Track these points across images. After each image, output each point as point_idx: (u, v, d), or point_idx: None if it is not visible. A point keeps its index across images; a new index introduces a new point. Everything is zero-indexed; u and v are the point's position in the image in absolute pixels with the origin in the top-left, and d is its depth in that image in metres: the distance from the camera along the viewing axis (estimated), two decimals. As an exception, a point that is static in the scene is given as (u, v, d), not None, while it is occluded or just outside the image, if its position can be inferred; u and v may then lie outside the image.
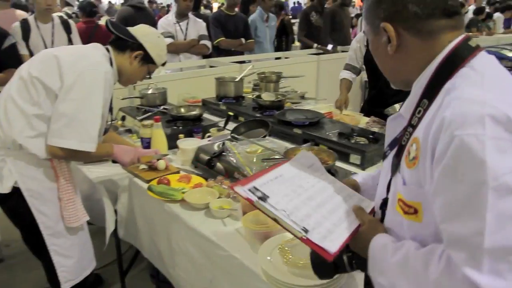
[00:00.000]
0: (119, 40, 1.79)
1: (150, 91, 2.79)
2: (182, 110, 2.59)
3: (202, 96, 3.22)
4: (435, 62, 0.83)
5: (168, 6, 13.56)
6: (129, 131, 2.55)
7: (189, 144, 2.13)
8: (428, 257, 0.76)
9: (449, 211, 0.72)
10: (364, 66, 3.07)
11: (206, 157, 1.99)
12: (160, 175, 1.93)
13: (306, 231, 0.83)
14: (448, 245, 0.73)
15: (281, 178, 0.99)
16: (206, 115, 2.73)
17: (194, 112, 2.54)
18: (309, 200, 0.95)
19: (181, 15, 3.93)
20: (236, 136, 2.17)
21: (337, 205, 0.98)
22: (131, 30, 1.82)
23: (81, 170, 2.06)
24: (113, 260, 2.45)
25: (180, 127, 2.40)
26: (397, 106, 2.74)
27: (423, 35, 0.83)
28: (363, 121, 2.76)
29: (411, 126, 0.84)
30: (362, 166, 2.02)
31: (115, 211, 2.03)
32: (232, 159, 1.86)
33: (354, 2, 14.46)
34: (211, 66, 3.98)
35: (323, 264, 0.95)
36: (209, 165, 1.97)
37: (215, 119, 2.70)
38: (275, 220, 0.85)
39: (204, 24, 4.05)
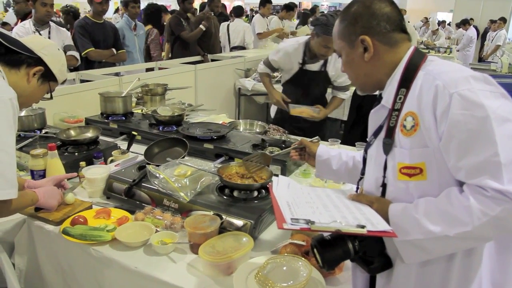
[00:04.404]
0: (10, 53, 1.41)
1: (24, 113, 2.35)
2: (73, 133, 2.24)
3: (80, 115, 2.86)
4: (403, 62, 1.08)
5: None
6: (5, 163, 2.09)
7: (96, 173, 1.85)
8: (449, 196, 0.95)
9: (465, 147, 0.92)
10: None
11: (123, 186, 1.76)
12: (68, 212, 1.64)
13: (363, 226, 0.94)
14: (471, 176, 0.92)
15: (293, 203, 1.02)
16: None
17: (89, 135, 2.23)
18: (326, 207, 1.05)
19: (41, 22, 3.42)
20: (149, 162, 1.97)
21: (342, 201, 1.09)
22: (24, 41, 1.47)
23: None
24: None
25: (76, 153, 2.08)
26: None
27: (391, 44, 1.10)
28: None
29: (396, 110, 1.06)
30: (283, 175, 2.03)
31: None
32: (158, 184, 1.68)
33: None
34: (82, 80, 3.55)
35: (332, 255, 1.03)
36: (128, 195, 1.74)
37: (106, 139, 2.41)
38: (337, 231, 0.95)
39: (68, 33, 3.60)
